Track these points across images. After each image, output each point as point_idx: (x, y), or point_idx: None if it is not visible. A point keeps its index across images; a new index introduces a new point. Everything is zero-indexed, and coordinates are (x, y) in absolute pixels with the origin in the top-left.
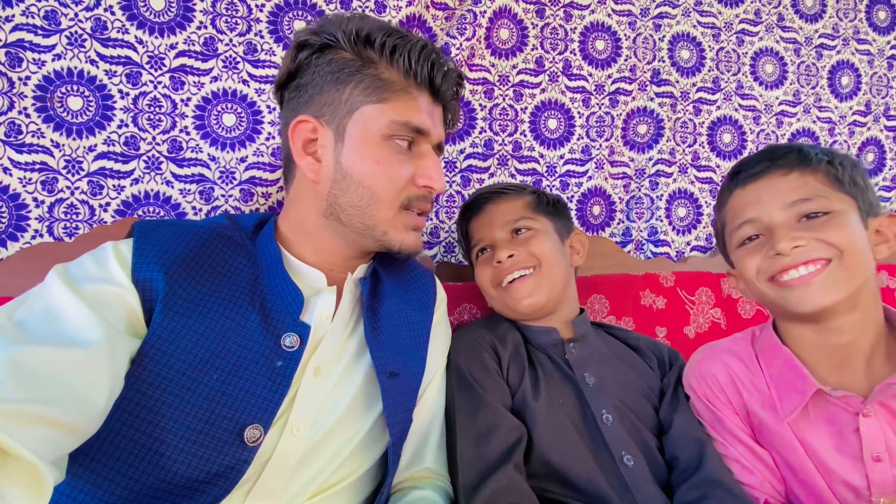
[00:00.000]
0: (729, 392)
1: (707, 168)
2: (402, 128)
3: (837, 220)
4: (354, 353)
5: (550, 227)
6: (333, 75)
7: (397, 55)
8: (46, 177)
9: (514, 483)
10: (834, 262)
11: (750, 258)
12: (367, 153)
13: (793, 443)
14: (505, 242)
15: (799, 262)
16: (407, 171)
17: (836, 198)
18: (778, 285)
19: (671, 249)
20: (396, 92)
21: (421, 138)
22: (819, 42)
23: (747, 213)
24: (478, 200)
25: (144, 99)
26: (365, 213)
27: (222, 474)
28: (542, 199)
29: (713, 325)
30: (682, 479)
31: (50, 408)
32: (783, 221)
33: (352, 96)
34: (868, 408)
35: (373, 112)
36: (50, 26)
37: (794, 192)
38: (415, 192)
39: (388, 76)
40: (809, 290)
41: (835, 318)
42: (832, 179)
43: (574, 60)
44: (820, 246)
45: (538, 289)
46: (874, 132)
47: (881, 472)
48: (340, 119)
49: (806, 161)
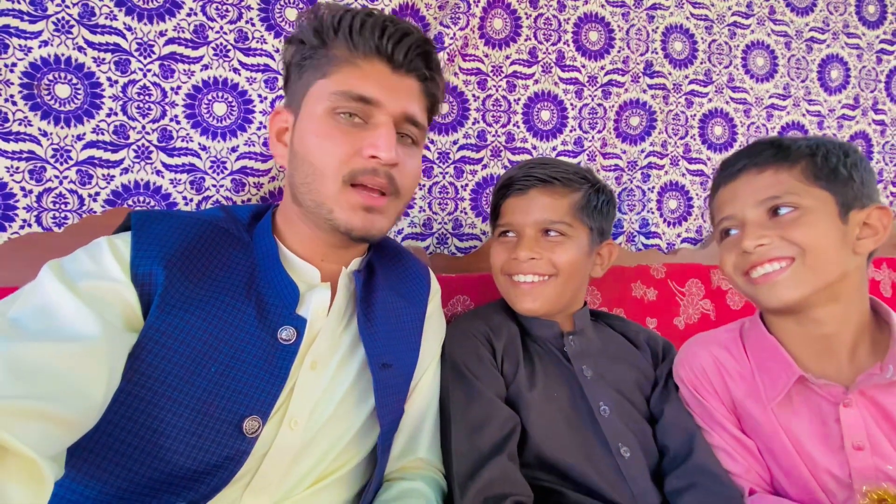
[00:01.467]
0: (715, 382)
1: (698, 160)
2: (344, 97)
3: (805, 218)
4: (349, 347)
5: (584, 236)
6: (298, 64)
7: (341, 28)
8: (34, 166)
9: (507, 473)
10: (797, 261)
11: (727, 254)
12: (310, 128)
13: (776, 431)
14: (530, 242)
15: (764, 260)
16: (351, 144)
17: (808, 194)
18: (750, 281)
19: (662, 241)
20: (339, 64)
21: (373, 109)
22: (809, 35)
23: (726, 210)
24: (525, 179)
25: (134, 87)
26: (312, 190)
27: (221, 465)
28: (591, 201)
29: (703, 317)
30: (671, 467)
31: (48, 403)
32: (754, 219)
33: (306, 78)
34: (849, 397)
35: (318, 88)
36: (36, 12)
37: (766, 189)
38: (360, 165)
39: (336, 52)
40: (775, 287)
41: (812, 311)
42: (808, 174)
43: (567, 52)
44: (783, 244)
45: (542, 296)
46: (862, 126)
47: (862, 460)
48: (297, 102)
49: (784, 156)
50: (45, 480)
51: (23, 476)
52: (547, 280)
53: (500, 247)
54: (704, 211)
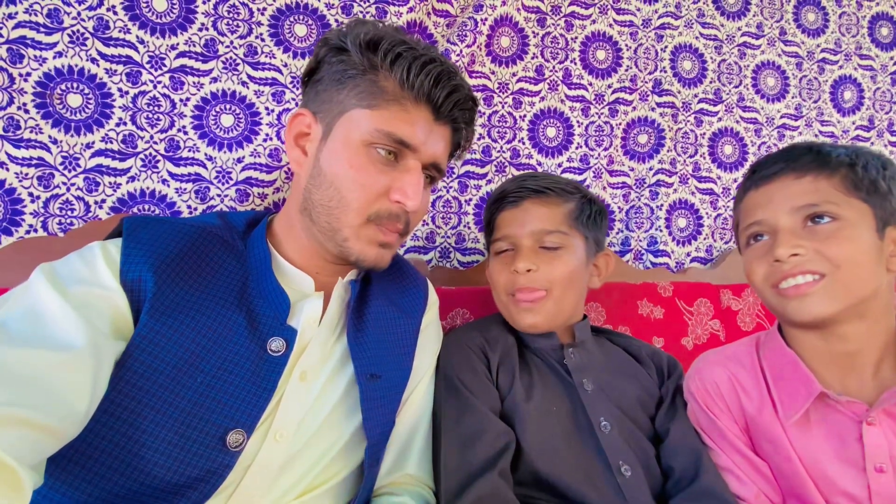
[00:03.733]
0: (729, 399)
1: (708, 179)
2: (385, 137)
3: (842, 232)
4: (340, 357)
5: (580, 245)
6: (338, 76)
7: (397, 65)
8: (43, 172)
9: (497, 490)
10: (829, 276)
11: (756, 263)
12: (344, 155)
13: (789, 451)
14: (528, 253)
15: (796, 271)
16: (382, 182)
17: (848, 205)
18: (779, 293)
19: (671, 260)
20: (388, 101)
21: (408, 152)
22: (821, 56)
23: (757, 214)
24: (518, 191)
25: (144, 98)
26: (332, 215)
27: (203, 479)
28: (584, 211)
29: (712, 337)
30: (676, 489)
31: (30, 411)
32: (788, 226)
33: (346, 98)
34: (873, 415)
35: (360, 116)
36: (52, 24)
37: (803, 196)
38: (386, 207)
39: (385, 85)
40: (806, 300)
41: (838, 327)
42: (849, 184)
43: (574, 69)
44: (817, 259)
45: (542, 311)
46: (878, 147)
47: (884, 483)
48: (332, 118)
49: (823, 163)
50: (23, 489)
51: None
52: (546, 295)
53: (500, 265)
54: (715, 230)
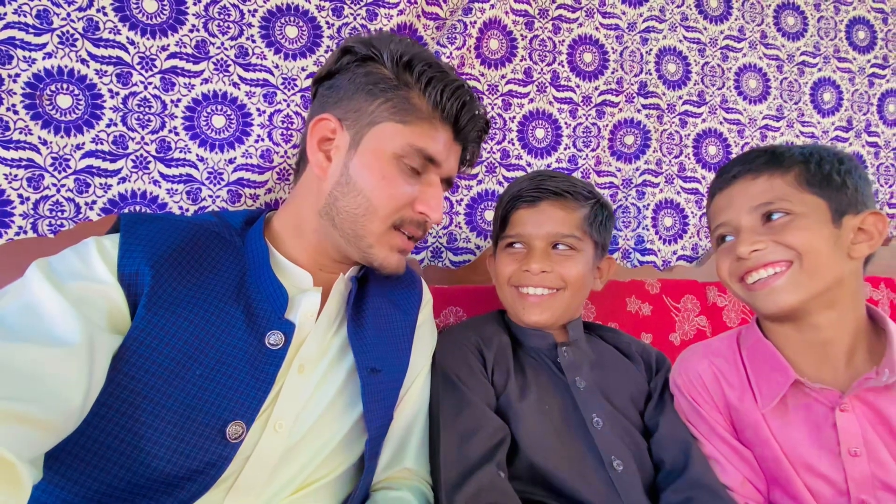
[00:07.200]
0: (713, 391)
1: (693, 179)
2: (416, 153)
3: (797, 223)
4: (338, 351)
5: (590, 249)
6: (367, 86)
7: (431, 87)
8: (32, 174)
9: (495, 482)
10: (794, 265)
11: (722, 260)
12: (376, 166)
13: (769, 437)
14: (542, 255)
15: (759, 265)
16: (409, 193)
17: (801, 199)
18: (746, 287)
19: (657, 258)
20: (421, 119)
21: (431, 167)
22: (801, 59)
23: (721, 217)
24: (536, 191)
25: (134, 99)
26: (357, 223)
27: (202, 471)
28: (597, 216)
29: (699, 333)
30: (667, 481)
31: (27, 406)
32: (748, 225)
33: (378, 110)
34: (845, 402)
35: (393, 130)
36: (42, 25)
37: (760, 195)
38: (409, 216)
39: (417, 103)
40: (772, 292)
41: (810, 317)
42: (801, 180)
43: (562, 72)
44: (778, 249)
45: (550, 309)
46: (856, 147)
47: (858, 467)
48: (361, 128)
49: (777, 163)
50: (22, 484)
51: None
52: (556, 293)
53: (508, 258)
54: (700, 229)
